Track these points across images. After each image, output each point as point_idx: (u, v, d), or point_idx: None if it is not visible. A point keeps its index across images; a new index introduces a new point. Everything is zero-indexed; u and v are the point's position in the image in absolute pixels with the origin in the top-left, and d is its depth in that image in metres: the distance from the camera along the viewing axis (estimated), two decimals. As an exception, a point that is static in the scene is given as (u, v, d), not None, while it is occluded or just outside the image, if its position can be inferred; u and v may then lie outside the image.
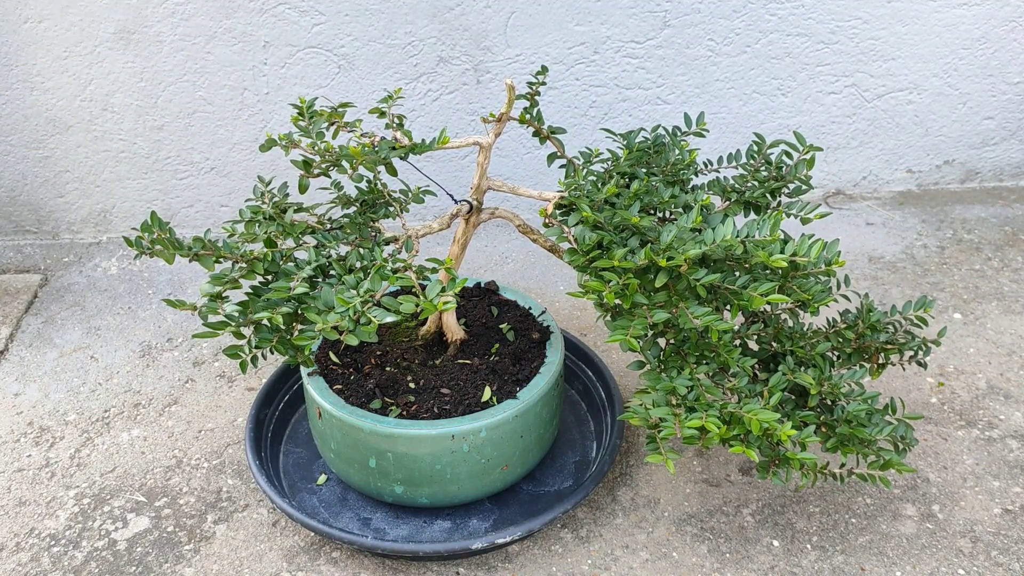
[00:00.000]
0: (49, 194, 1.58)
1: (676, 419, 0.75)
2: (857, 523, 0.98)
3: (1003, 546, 0.95)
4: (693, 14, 1.50)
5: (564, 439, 1.10)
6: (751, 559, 0.94)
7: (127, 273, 1.53)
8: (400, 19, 1.45)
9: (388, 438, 0.90)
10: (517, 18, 1.47)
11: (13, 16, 1.41)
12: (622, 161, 0.91)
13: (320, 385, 0.96)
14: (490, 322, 1.06)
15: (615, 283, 0.76)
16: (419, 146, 0.83)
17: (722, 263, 0.78)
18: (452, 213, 0.90)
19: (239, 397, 1.22)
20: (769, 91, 1.59)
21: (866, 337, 0.91)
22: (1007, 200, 1.70)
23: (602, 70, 1.53)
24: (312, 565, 0.95)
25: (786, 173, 0.91)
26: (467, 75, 1.51)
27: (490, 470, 0.94)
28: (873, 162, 1.70)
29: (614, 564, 0.94)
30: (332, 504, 1.01)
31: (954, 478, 1.04)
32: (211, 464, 1.10)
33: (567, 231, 0.82)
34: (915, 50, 1.58)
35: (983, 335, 1.30)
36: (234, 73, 1.48)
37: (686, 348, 0.81)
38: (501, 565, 0.95)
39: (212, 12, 1.42)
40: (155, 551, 0.97)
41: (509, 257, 1.55)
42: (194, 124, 1.52)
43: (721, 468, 1.06)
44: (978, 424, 1.12)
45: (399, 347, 1.02)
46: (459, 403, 0.93)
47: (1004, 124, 1.69)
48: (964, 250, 1.53)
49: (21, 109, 1.50)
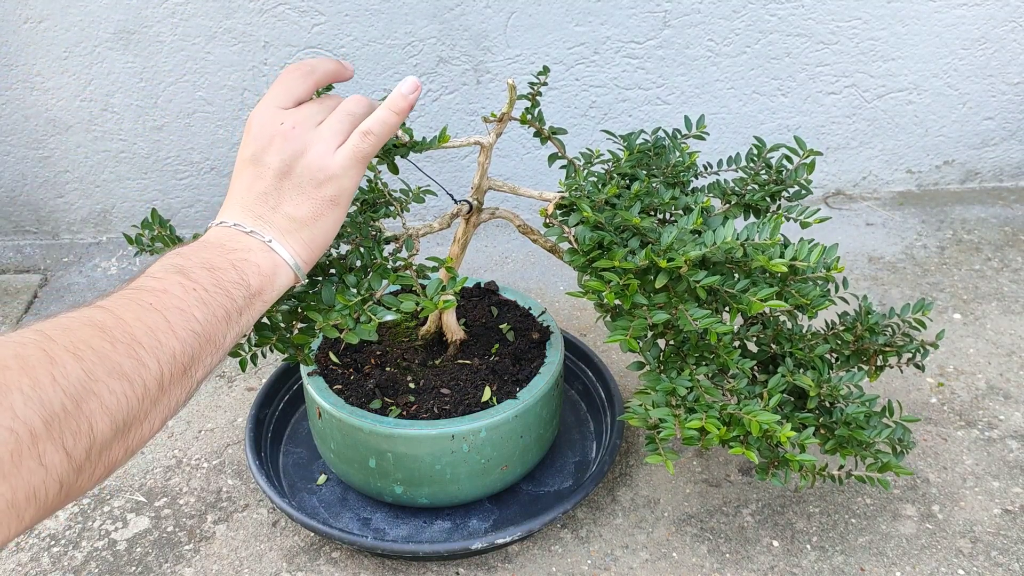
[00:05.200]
0: (49, 194, 1.58)
1: (676, 420, 0.75)
2: (857, 523, 0.98)
3: (1003, 546, 0.95)
4: (693, 14, 1.50)
5: (564, 439, 1.10)
6: (751, 559, 0.94)
7: (127, 273, 1.53)
8: (400, 19, 1.45)
9: (388, 438, 0.90)
10: (517, 18, 1.47)
11: (13, 16, 1.41)
12: (623, 162, 0.91)
13: (320, 385, 0.96)
14: (490, 322, 1.06)
15: (615, 283, 0.76)
16: (420, 144, 0.83)
17: (722, 265, 0.78)
18: (452, 213, 0.90)
19: (239, 397, 1.22)
20: (769, 91, 1.59)
21: (865, 339, 0.91)
22: (1007, 200, 1.70)
23: (602, 70, 1.53)
24: (312, 565, 0.95)
25: (786, 177, 0.91)
26: (467, 75, 1.51)
27: (490, 470, 0.94)
28: (873, 162, 1.70)
29: (614, 564, 0.95)
30: (332, 504, 1.01)
31: (954, 478, 1.04)
32: (211, 464, 1.10)
33: (567, 231, 0.82)
34: (915, 50, 1.58)
35: (983, 335, 1.30)
36: (234, 73, 1.48)
37: (686, 349, 0.81)
38: (501, 565, 0.95)
39: (212, 12, 1.42)
40: (155, 551, 0.97)
41: (509, 257, 1.55)
42: (194, 124, 1.52)
43: (721, 468, 1.07)
44: (978, 424, 1.13)
45: (399, 347, 1.02)
46: (459, 403, 0.94)
47: (1004, 124, 1.69)
48: (964, 250, 1.53)
49: (21, 109, 1.50)
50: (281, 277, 0.63)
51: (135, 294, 0.52)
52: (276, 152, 0.64)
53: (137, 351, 0.49)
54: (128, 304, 0.51)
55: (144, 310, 0.51)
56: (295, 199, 0.63)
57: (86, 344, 0.46)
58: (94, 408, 0.45)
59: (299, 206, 0.63)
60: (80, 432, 0.44)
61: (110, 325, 0.48)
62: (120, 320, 0.49)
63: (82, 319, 0.48)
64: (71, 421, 0.43)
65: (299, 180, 0.64)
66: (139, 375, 0.48)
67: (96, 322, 0.48)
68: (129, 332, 0.49)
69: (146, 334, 0.50)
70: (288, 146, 0.64)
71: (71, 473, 0.44)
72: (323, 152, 0.64)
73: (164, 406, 0.51)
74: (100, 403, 0.45)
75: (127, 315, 0.50)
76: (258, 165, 0.64)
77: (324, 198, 0.64)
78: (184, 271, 0.56)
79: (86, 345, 0.46)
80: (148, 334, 0.50)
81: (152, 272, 0.55)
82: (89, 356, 0.46)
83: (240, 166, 0.66)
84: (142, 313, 0.51)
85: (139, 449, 0.50)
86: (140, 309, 0.51)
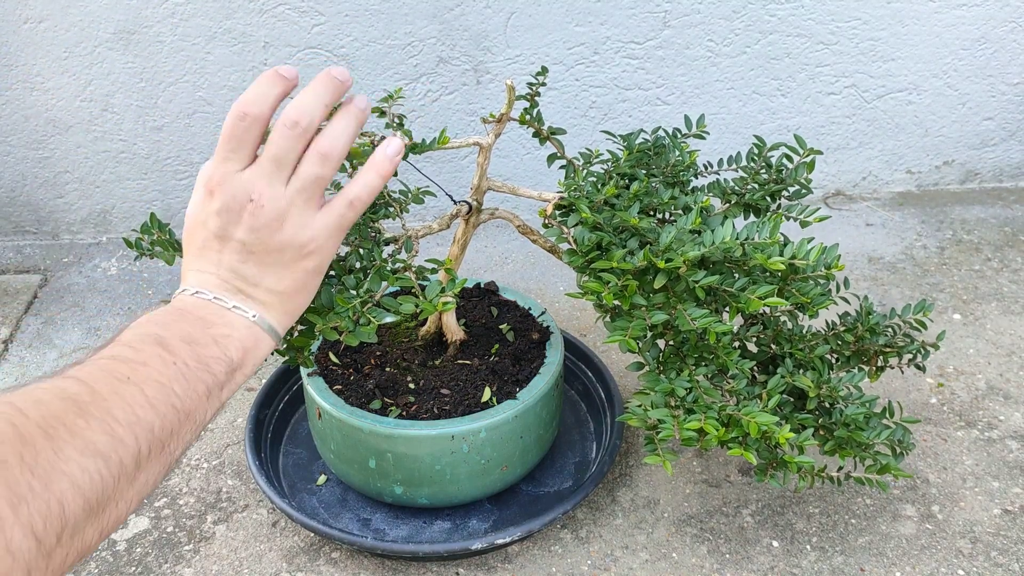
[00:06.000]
0: (49, 194, 1.58)
1: (675, 421, 0.75)
2: (857, 524, 0.98)
3: (1003, 546, 0.95)
4: (693, 15, 1.50)
5: (564, 440, 1.10)
6: (751, 560, 0.94)
7: (127, 274, 1.53)
8: (400, 19, 1.45)
9: (388, 438, 0.90)
10: (517, 18, 1.47)
11: (13, 16, 1.41)
12: (622, 162, 0.91)
13: (320, 386, 0.96)
14: (490, 322, 1.06)
15: (614, 284, 0.76)
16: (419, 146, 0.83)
17: (721, 265, 0.78)
18: (452, 213, 0.90)
19: (239, 398, 1.22)
20: (769, 92, 1.59)
21: (865, 340, 0.91)
22: (1007, 201, 1.70)
23: (602, 70, 1.53)
24: (312, 565, 0.95)
25: (786, 176, 0.91)
26: (467, 75, 1.51)
27: (490, 470, 0.94)
28: (873, 163, 1.70)
29: (614, 565, 0.95)
30: (332, 505, 1.01)
31: (954, 479, 1.04)
32: (211, 464, 1.10)
33: (566, 232, 0.82)
34: (915, 51, 1.58)
35: (983, 336, 1.30)
36: (234, 73, 1.48)
37: (685, 350, 0.81)
38: (500, 565, 0.95)
39: (212, 12, 1.42)
40: (155, 551, 0.97)
41: (509, 257, 1.55)
42: (194, 124, 1.53)
43: (721, 469, 1.07)
44: (978, 425, 1.13)
45: (399, 348, 1.02)
46: (459, 403, 0.94)
47: (1004, 125, 1.69)
48: (964, 251, 1.53)
49: (21, 109, 1.50)
50: (263, 348, 0.60)
51: (111, 365, 0.50)
52: (247, 230, 0.58)
53: (113, 427, 0.46)
54: (104, 377, 0.48)
55: (121, 383, 0.48)
56: (276, 273, 0.60)
57: (59, 420, 0.44)
58: (65, 488, 0.42)
59: (281, 280, 0.60)
60: (51, 514, 0.41)
61: (85, 400, 0.46)
62: (95, 394, 0.47)
63: (55, 392, 0.46)
64: (39, 503, 0.41)
65: (279, 256, 0.59)
66: (115, 452, 0.46)
67: (70, 396, 0.46)
68: (105, 407, 0.47)
69: (123, 409, 0.47)
70: (260, 222, 0.58)
71: (40, 559, 0.41)
72: (302, 224, 0.59)
73: (141, 483, 0.48)
74: (72, 482, 0.43)
75: (103, 388, 0.47)
76: (227, 240, 0.59)
77: (307, 269, 0.61)
78: (163, 343, 0.53)
79: (58, 421, 0.44)
80: (125, 408, 0.47)
81: (128, 341, 0.52)
82: (62, 433, 0.43)
83: (204, 236, 0.59)
84: (119, 386, 0.48)
85: (114, 531, 0.47)
86: (117, 382, 0.48)
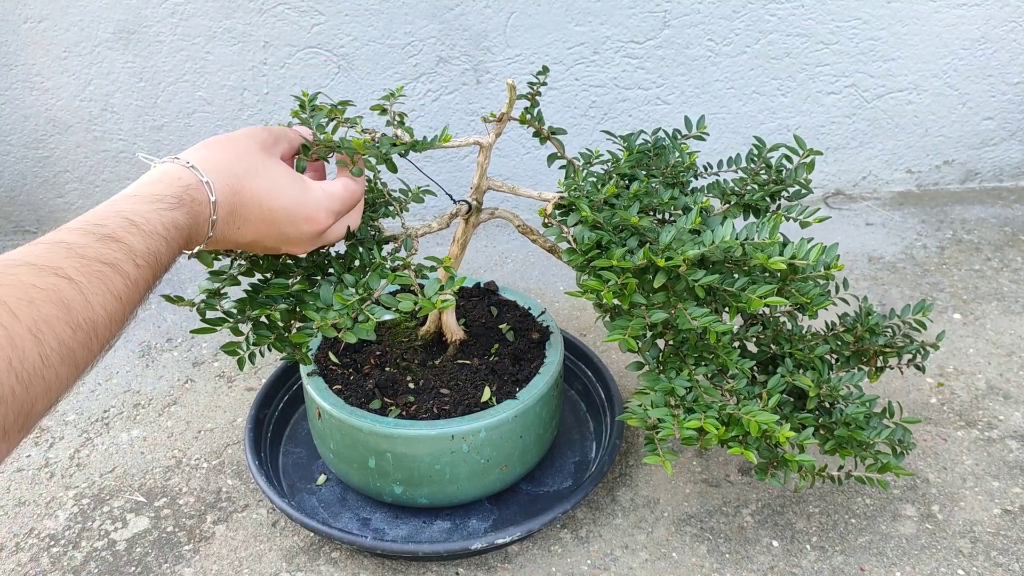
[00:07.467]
0: (49, 194, 1.58)
1: (675, 420, 0.75)
2: (857, 523, 0.98)
3: (1003, 546, 0.95)
4: (693, 14, 1.50)
5: (563, 439, 1.10)
6: (751, 559, 0.94)
7: (127, 273, 1.53)
8: (400, 19, 1.45)
9: (388, 438, 0.90)
10: (517, 18, 1.47)
11: (13, 16, 1.41)
12: (622, 163, 0.91)
13: (319, 385, 0.96)
14: (490, 322, 1.06)
15: (613, 283, 0.76)
16: (420, 143, 0.83)
17: (721, 265, 0.78)
18: (452, 213, 0.90)
19: (239, 397, 1.22)
20: (769, 91, 1.59)
21: (865, 340, 0.91)
22: (1007, 200, 1.70)
23: (602, 70, 1.53)
24: (311, 565, 0.95)
25: (786, 176, 0.91)
26: (467, 75, 1.51)
27: (489, 470, 0.94)
28: (873, 162, 1.70)
29: (614, 564, 0.94)
30: (331, 504, 1.01)
31: (954, 478, 1.04)
32: (211, 464, 1.10)
33: (566, 231, 0.82)
34: (915, 50, 1.58)
35: (983, 335, 1.30)
36: (234, 73, 1.48)
37: (685, 349, 0.81)
38: (500, 565, 0.95)
39: (212, 12, 1.42)
40: (155, 551, 0.97)
41: (509, 257, 1.55)
42: (194, 124, 1.52)
43: (721, 468, 1.06)
44: (978, 424, 1.13)
45: (399, 347, 1.02)
46: (459, 403, 0.93)
47: (1004, 124, 1.69)
48: (964, 250, 1.53)
49: (21, 109, 1.50)
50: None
51: (102, 268, 0.51)
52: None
53: (92, 342, 0.48)
54: (97, 281, 0.50)
55: (111, 296, 0.50)
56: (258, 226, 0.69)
57: (48, 326, 0.45)
58: (39, 392, 0.45)
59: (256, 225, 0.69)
60: (20, 413, 0.44)
61: (77, 307, 0.48)
62: (87, 303, 0.48)
63: (49, 291, 0.47)
64: (17, 404, 0.43)
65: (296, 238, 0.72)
66: (86, 361, 0.48)
67: (64, 300, 0.47)
68: (91, 319, 0.48)
69: (106, 325, 0.49)
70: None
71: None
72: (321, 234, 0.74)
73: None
74: (46, 387, 0.45)
75: (94, 297, 0.49)
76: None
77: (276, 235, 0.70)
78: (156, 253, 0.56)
79: (48, 327, 0.45)
80: (107, 325, 0.50)
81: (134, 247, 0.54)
82: (49, 340, 0.45)
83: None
84: (108, 300, 0.50)
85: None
86: (108, 293, 0.50)
